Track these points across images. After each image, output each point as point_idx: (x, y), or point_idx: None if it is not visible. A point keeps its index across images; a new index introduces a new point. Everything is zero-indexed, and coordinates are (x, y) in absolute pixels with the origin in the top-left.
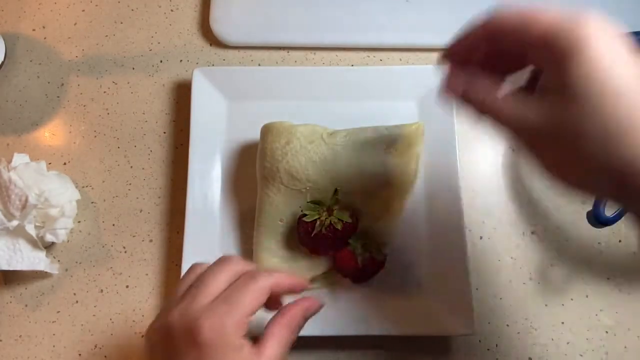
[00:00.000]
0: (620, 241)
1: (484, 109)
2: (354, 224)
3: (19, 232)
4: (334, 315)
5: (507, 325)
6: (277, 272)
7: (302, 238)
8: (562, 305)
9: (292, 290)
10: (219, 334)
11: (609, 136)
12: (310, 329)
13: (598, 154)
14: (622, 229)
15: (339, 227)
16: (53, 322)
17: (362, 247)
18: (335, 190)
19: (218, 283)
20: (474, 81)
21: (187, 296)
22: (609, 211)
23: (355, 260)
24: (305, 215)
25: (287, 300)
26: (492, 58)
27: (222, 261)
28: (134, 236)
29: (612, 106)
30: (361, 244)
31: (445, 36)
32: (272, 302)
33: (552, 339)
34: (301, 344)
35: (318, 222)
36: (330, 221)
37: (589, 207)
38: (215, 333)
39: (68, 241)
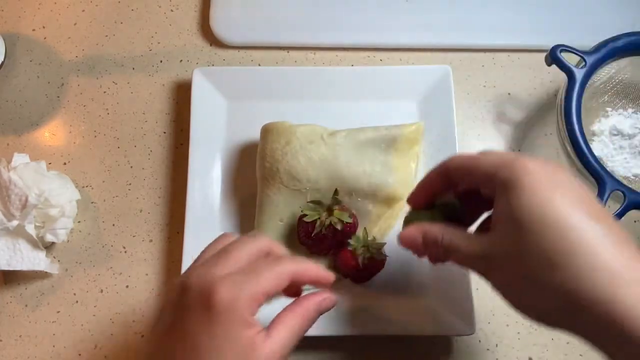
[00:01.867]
0: None
1: (440, 248)
2: (354, 224)
3: (19, 232)
4: (334, 315)
5: (507, 325)
6: (306, 261)
7: (302, 238)
8: None
9: (315, 282)
10: (232, 302)
11: (549, 265)
12: (310, 329)
13: (541, 282)
14: None
15: (339, 227)
16: (53, 322)
17: (362, 248)
18: (336, 191)
19: (242, 255)
20: (432, 225)
21: (210, 261)
22: (609, 211)
23: (356, 260)
24: (305, 215)
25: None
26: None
27: (252, 236)
28: (134, 236)
29: (550, 236)
30: (361, 244)
31: (445, 36)
32: (292, 290)
33: (552, 339)
34: (301, 344)
35: (318, 222)
36: (330, 221)
37: None
38: (228, 300)
39: (68, 241)
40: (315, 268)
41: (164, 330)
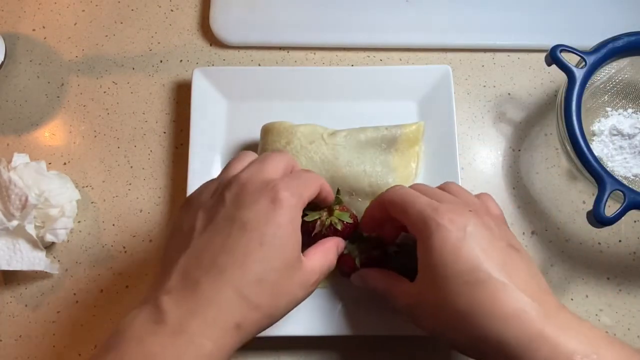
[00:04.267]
0: (620, 241)
1: (378, 292)
2: (354, 224)
3: (19, 232)
4: (334, 315)
5: None
6: (320, 176)
7: (302, 238)
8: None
9: (327, 195)
10: (294, 199)
11: (458, 316)
12: (310, 329)
13: (456, 329)
14: (622, 229)
15: (339, 227)
16: (53, 322)
17: (357, 250)
18: (338, 190)
19: (281, 166)
20: (370, 272)
21: (252, 167)
22: (609, 211)
23: (353, 262)
24: (305, 215)
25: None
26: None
27: (278, 153)
28: (134, 236)
29: (456, 290)
30: (357, 246)
31: (445, 36)
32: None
33: None
34: (302, 344)
35: (319, 222)
36: (331, 221)
37: (589, 207)
38: (292, 198)
39: (68, 241)
40: (327, 185)
41: (204, 228)
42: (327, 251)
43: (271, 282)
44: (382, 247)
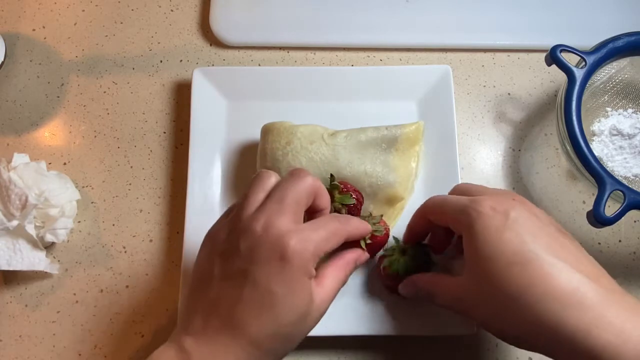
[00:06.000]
0: (620, 241)
1: (426, 296)
2: (359, 201)
3: (19, 232)
4: (334, 315)
5: None
6: (354, 220)
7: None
8: None
9: (361, 237)
10: (304, 255)
11: (512, 301)
12: (311, 330)
13: (510, 316)
14: (622, 229)
15: (344, 212)
16: (53, 322)
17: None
18: (331, 176)
19: (300, 203)
20: (418, 277)
21: (268, 207)
22: (609, 211)
23: (358, 244)
24: None
25: None
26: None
27: (300, 176)
28: (134, 236)
29: (505, 274)
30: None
31: (445, 36)
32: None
33: None
34: (302, 344)
35: None
36: (334, 207)
37: (589, 207)
38: (300, 254)
39: (68, 241)
40: (363, 226)
41: (223, 275)
42: (339, 271)
43: (284, 334)
44: (426, 254)
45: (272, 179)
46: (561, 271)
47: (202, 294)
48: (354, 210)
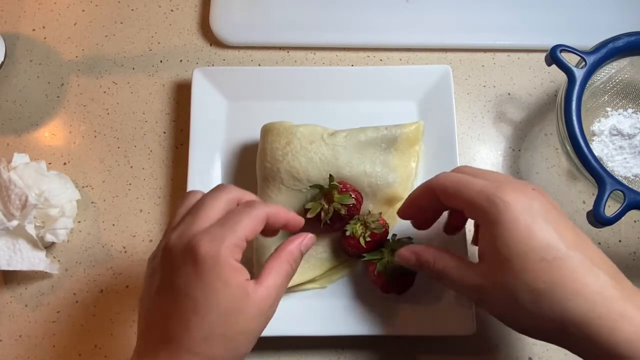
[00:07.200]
0: (620, 241)
1: (434, 273)
2: (359, 201)
3: (19, 232)
4: (334, 315)
5: None
6: (276, 205)
7: (316, 228)
8: None
9: (287, 225)
10: (216, 251)
11: (535, 295)
12: (310, 329)
13: (530, 309)
14: (622, 229)
15: (343, 212)
16: (53, 322)
17: (360, 227)
18: (330, 177)
19: (216, 209)
20: (425, 249)
21: (185, 220)
22: (609, 211)
23: (357, 241)
24: (308, 209)
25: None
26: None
27: (219, 189)
28: (134, 236)
29: (532, 269)
30: (357, 224)
31: (445, 36)
32: (269, 232)
33: None
34: (302, 344)
35: (323, 214)
36: (333, 208)
37: (589, 207)
38: (211, 250)
39: (68, 241)
40: (284, 211)
41: (155, 291)
42: (281, 264)
43: (218, 335)
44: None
45: (196, 195)
46: (589, 269)
47: (141, 312)
48: (353, 210)
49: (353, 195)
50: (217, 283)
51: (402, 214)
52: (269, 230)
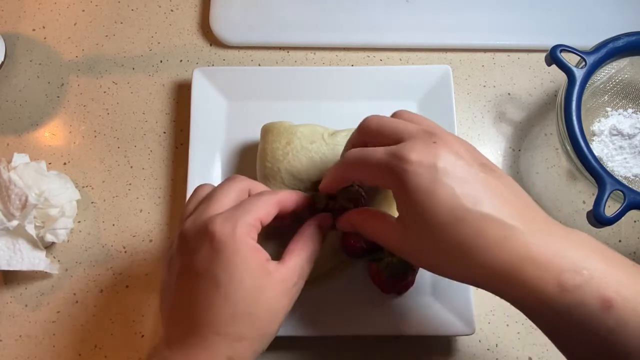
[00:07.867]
0: (620, 241)
1: (367, 236)
2: (362, 197)
3: (19, 232)
4: (334, 315)
5: (507, 325)
6: (286, 191)
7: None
8: None
9: (298, 206)
10: (231, 229)
11: (446, 254)
12: (310, 329)
13: (444, 266)
14: (622, 229)
15: (350, 207)
16: (53, 322)
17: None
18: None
19: (229, 197)
20: (356, 214)
21: (199, 208)
22: (609, 211)
23: (360, 242)
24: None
25: None
26: None
27: (231, 179)
28: (134, 236)
29: (440, 229)
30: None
31: (445, 36)
32: (283, 218)
33: None
34: (302, 344)
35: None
36: (339, 204)
37: (589, 207)
38: (227, 228)
39: (68, 241)
40: (293, 194)
41: (176, 277)
42: (305, 242)
43: (243, 313)
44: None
45: (207, 188)
46: (489, 222)
47: (166, 300)
48: (359, 205)
49: (356, 189)
50: (236, 259)
51: (324, 188)
52: (282, 216)
